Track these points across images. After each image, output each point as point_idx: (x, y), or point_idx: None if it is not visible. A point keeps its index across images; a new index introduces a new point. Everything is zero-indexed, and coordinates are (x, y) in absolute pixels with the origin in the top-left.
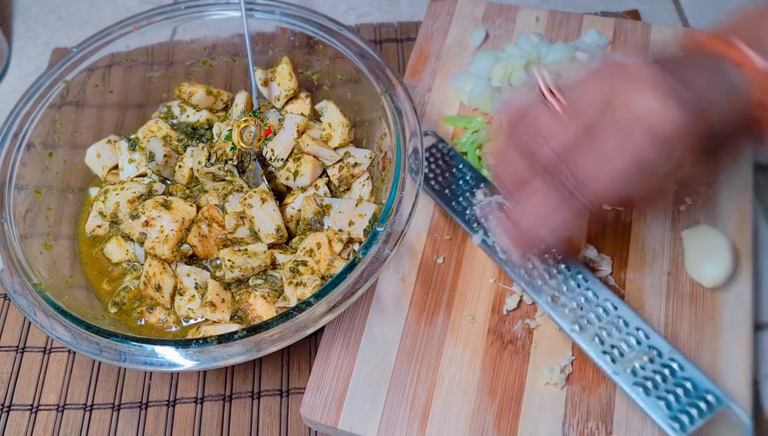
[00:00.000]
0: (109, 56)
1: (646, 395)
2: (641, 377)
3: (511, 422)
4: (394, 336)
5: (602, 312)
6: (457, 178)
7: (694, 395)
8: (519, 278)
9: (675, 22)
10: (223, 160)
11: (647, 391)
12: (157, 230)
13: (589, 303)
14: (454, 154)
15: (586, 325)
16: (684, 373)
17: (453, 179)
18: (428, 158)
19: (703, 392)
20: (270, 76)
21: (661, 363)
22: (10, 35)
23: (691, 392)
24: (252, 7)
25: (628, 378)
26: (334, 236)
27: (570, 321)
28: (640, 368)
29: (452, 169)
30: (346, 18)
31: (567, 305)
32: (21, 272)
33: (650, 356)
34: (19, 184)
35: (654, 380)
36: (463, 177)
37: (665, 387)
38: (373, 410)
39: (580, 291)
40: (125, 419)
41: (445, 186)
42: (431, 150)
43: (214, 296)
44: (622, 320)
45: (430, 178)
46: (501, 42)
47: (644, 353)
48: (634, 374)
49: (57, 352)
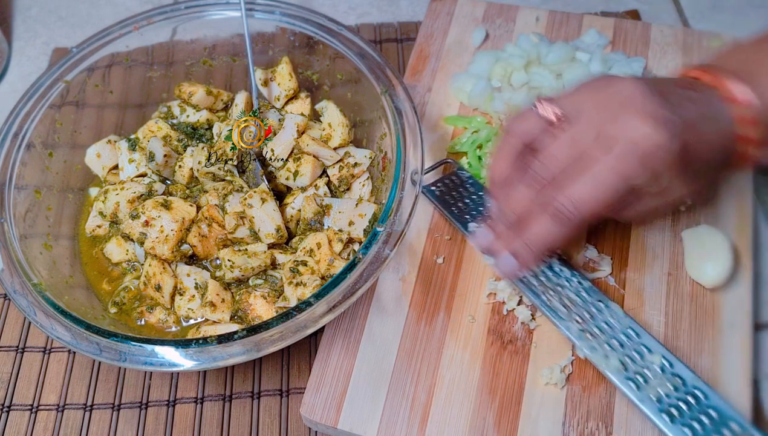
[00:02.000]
0: (109, 56)
1: (671, 423)
2: (666, 404)
3: (511, 422)
4: (394, 336)
5: (624, 338)
6: (477, 204)
7: (718, 423)
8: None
9: (675, 22)
10: (223, 160)
11: (672, 418)
12: (157, 230)
13: (612, 329)
14: (474, 182)
15: (610, 352)
16: (708, 401)
17: (474, 206)
18: (447, 184)
19: (727, 420)
20: (270, 76)
21: (685, 391)
22: (10, 35)
23: (715, 420)
24: (252, 7)
25: (653, 405)
26: (334, 235)
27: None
28: (665, 396)
29: (472, 196)
30: (346, 18)
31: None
32: (21, 272)
33: (674, 384)
34: (19, 184)
35: (678, 407)
36: (484, 203)
37: (690, 415)
38: (373, 410)
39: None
40: (125, 419)
41: (465, 211)
42: (451, 177)
43: (214, 296)
44: (645, 348)
45: (449, 203)
46: (501, 42)
47: (668, 380)
48: (659, 401)
49: (57, 352)
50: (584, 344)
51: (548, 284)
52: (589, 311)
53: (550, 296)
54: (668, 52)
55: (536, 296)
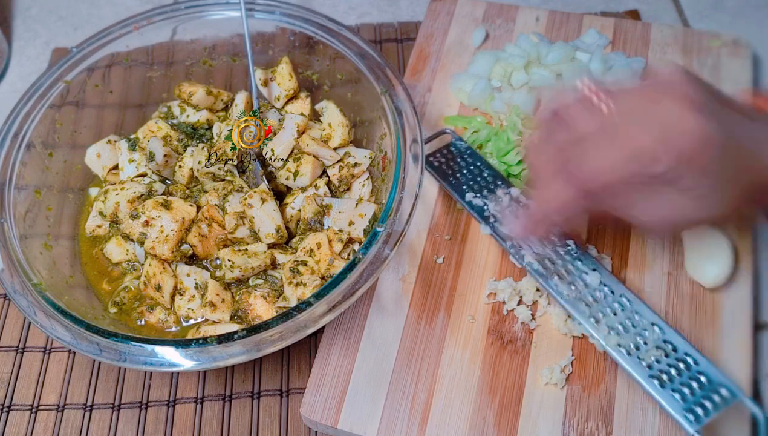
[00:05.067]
0: (109, 56)
1: (661, 387)
2: (657, 369)
3: (511, 422)
4: (394, 336)
5: (618, 307)
6: (474, 175)
7: (708, 388)
8: (530, 268)
9: (675, 21)
10: (223, 160)
11: (662, 384)
12: (157, 229)
13: (606, 298)
14: (472, 152)
15: (601, 318)
16: (699, 367)
17: (471, 176)
18: (446, 154)
19: (717, 385)
20: (270, 76)
21: (676, 357)
22: (10, 35)
23: (706, 386)
24: (252, 7)
25: (644, 371)
26: (334, 235)
27: (586, 315)
28: (656, 362)
29: (470, 167)
30: (346, 18)
31: (583, 298)
32: (21, 272)
33: (666, 351)
34: (19, 184)
35: (669, 373)
36: (481, 174)
37: (680, 380)
38: (373, 410)
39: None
40: (125, 419)
41: (462, 182)
42: (449, 147)
43: (214, 296)
44: (637, 315)
45: (448, 174)
46: (501, 42)
47: (659, 346)
48: (650, 367)
49: (57, 352)
50: (575, 310)
51: (541, 253)
52: (584, 281)
53: (543, 264)
54: (668, 52)
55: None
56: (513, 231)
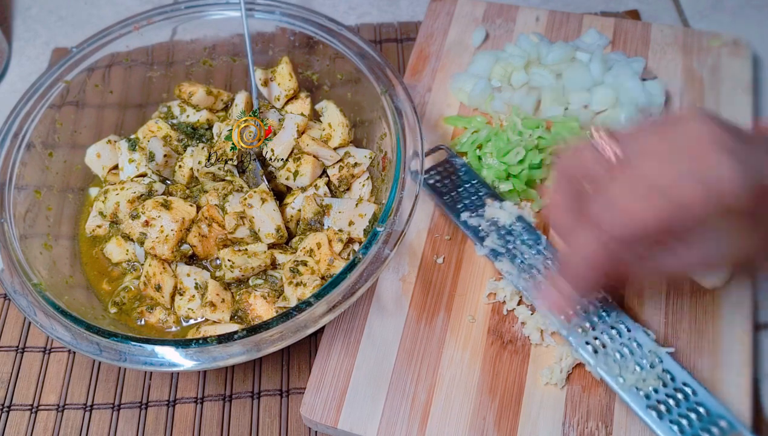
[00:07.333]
0: (109, 56)
1: (659, 418)
2: (654, 400)
3: (511, 422)
4: (394, 336)
5: (615, 333)
6: (470, 193)
7: (707, 420)
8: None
9: (675, 22)
10: (223, 160)
11: (660, 415)
12: (157, 230)
13: (603, 323)
14: (467, 170)
15: (598, 345)
16: (697, 397)
17: (467, 194)
18: (441, 172)
19: (716, 417)
20: (270, 76)
21: (674, 387)
22: (10, 35)
23: (704, 417)
24: (252, 7)
25: (641, 401)
26: (334, 235)
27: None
28: (654, 391)
29: (466, 185)
30: (346, 18)
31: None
32: (21, 272)
33: (664, 381)
34: (19, 184)
35: (667, 404)
36: (477, 192)
37: (678, 411)
38: (373, 410)
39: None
40: (125, 419)
41: (457, 200)
42: (445, 165)
43: (214, 296)
44: (636, 343)
45: (443, 192)
46: (501, 42)
47: (658, 376)
48: (648, 397)
49: (57, 352)
50: (572, 336)
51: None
52: (583, 306)
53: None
54: (668, 52)
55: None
56: (548, 302)
